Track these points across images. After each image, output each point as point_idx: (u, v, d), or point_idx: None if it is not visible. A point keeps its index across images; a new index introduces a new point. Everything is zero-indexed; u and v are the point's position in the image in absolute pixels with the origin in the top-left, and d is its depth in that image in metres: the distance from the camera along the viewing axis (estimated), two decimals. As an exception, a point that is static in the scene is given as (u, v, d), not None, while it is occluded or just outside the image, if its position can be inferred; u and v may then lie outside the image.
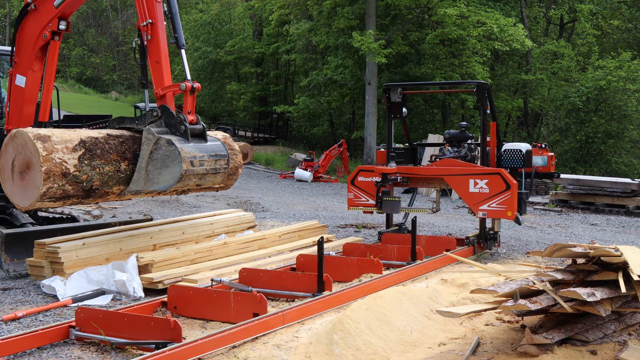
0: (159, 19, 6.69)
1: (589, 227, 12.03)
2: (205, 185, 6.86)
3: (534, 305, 4.48)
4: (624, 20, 30.00)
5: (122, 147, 6.64)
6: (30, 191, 6.13)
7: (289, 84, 38.64)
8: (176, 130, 6.42)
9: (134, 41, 6.83)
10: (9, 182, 6.39)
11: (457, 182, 8.41)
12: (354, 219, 12.29)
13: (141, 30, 6.72)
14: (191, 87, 6.50)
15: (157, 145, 6.34)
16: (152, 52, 6.67)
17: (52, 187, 6.05)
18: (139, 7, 6.73)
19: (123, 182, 6.64)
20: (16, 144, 6.24)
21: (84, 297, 6.33)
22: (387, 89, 9.42)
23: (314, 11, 26.31)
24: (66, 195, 6.25)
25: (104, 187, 6.52)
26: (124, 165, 6.60)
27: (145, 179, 6.47)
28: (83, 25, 53.21)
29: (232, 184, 8.38)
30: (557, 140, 26.63)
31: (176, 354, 4.44)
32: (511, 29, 21.26)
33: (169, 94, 6.61)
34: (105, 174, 6.45)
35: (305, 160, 22.59)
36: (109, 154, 6.50)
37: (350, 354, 4.69)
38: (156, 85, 6.69)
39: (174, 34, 6.76)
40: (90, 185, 6.36)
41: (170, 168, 6.26)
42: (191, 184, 6.46)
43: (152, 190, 6.66)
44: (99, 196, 6.62)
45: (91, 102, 40.12)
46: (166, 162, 6.29)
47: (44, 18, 7.43)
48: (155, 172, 6.39)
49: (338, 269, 7.08)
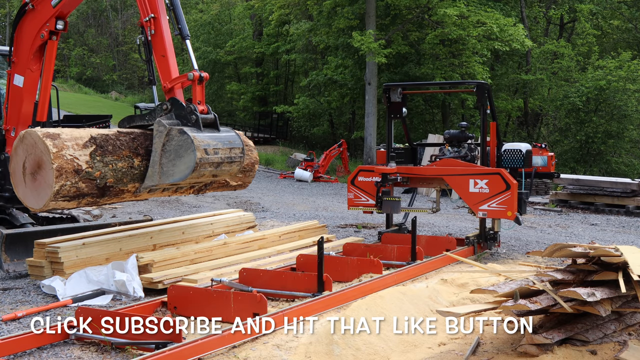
0: (161, 12, 6.62)
1: (589, 227, 12.02)
2: (222, 176, 6.65)
3: (534, 305, 4.48)
4: (624, 20, 29.99)
5: (133, 144, 6.50)
6: (43, 191, 6.02)
7: (289, 84, 38.63)
8: (187, 121, 6.29)
9: (138, 38, 6.77)
10: (21, 185, 6.26)
11: (457, 182, 8.41)
12: (354, 219, 12.29)
13: (144, 26, 6.67)
14: (199, 77, 6.39)
15: (169, 137, 6.21)
16: (157, 46, 6.60)
17: (65, 185, 5.93)
18: (140, 3, 6.68)
19: (137, 179, 6.50)
20: (25, 145, 6.13)
21: (84, 297, 6.33)
22: (387, 89, 9.42)
23: (314, 11, 26.30)
24: (80, 194, 6.12)
25: (119, 185, 6.38)
26: (137, 161, 6.46)
27: (159, 173, 6.32)
28: (83, 25, 53.20)
29: (250, 182, 8.28)
30: (557, 140, 26.63)
31: (176, 354, 4.44)
32: (511, 29, 21.26)
33: (177, 86, 6.52)
34: (119, 171, 6.31)
35: (305, 160, 22.59)
36: (121, 150, 6.36)
37: (350, 354, 4.69)
38: (163, 79, 6.60)
39: (177, 26, 6.69)
40: (104, 182, 6.22)
41: (184, 158, 6.13)
42: (207, 173, 6.29)
43: (169, 184, 6.48)
44: (114, 195, 6.46)
45: (91, 102, 40.12)
46: (180, 152, 6.16)
47: (41, 18, 7.41)
48: (170, 165, 6.25)
49: (338, 269, 7.07)
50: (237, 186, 8.03)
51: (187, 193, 7.26)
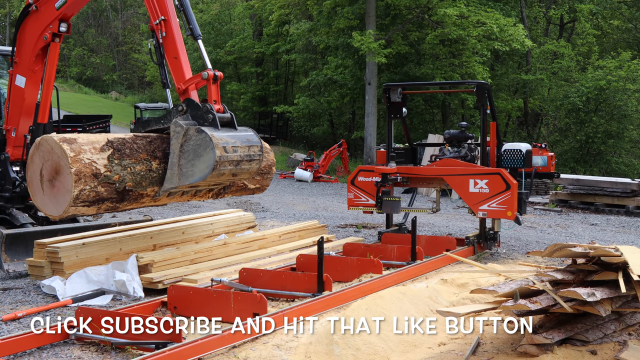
0: (171, 14, 6.57)
1: (589, 227, 12.02)
2: (242, 175, 6.53)
3: (534, 305, 4.48)
4: (624, 20, 29.99)
5: (150, 147, 6.44)
6: (63, 197, 5.92)
7: (289, 84, 38.63)
8: (204, 120, 6.20)
9: (149, 42, 6.72)
10: (39, 193, 6.15)
11: (457, 182, 8.41)
12: (354, 219, 12.29)
13: (154, 29, 6.61)
14: (214, 76, 6.32)
15: (186, 137, 6.12)
16: (169, 48, 6.55)
17: (85, 190, 5.84)
18: (149, 6, 6.63)
19: (156, 182, 6.42)
20: (42, 151, 6.04)
21: (84, 297, 6.33)
22: (387, 89, 9.42)
23: (314, 11, 26.30)
24: (100, 199, 6.03)
25: (138, 188, 6.29)
26: (155, 164, 6.39)
27: (179, 174, 6.22)
28: (83, 25, 53.21)
29: (268, 185, 8.14)
30: (557, 140, 26.63)
31: (176, 354, 4.44)
32: (511, 29, 21.26)
33: (192, 87, 6.45)
34: (137, 174, 6.23)
35: (305, 160, 22.59)
36: (139, 153, 6.29)
37: (350, 354, 4.69)
38: (177, 81, 6.53)
39: (188, 26, 6.62)
40: (123, 186, 6.14)
41: (203, 157, 6.04)
42: (227, 172, 6.19)
43: (189, 186, 6.38)
44: (134, 199, 6.37)
45: (91, 102, 40.14)
46: (198, 151, 6.06)
47: (44, 19, 7.39)
48: (189, 165, 6.15)
49: (338, 269, 7.07)
50: (255, 189, 7.89)
51: (205, 197, 7.12)
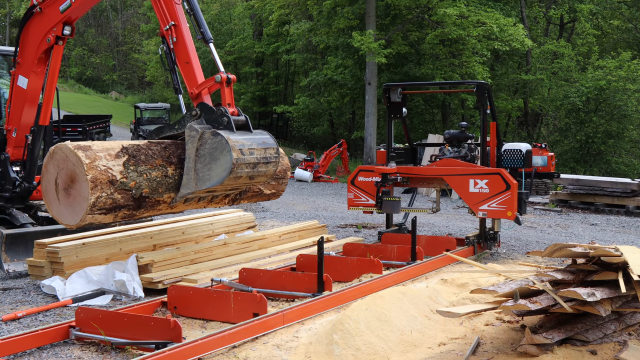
0: (180, 18, 6.53)
1: (589, 227, 12.02)
2: (258, 179, 6.47)
3: (534, 305, 4.48)
4: (624, 20, 30.01)
5: (165, 152, 6.37)
6: (79, 205, 5.83)
7: (289, 84, 38.66)
8: (219, 124, 6.12)
9: (160, 48, 6.68)
10: (54, 203, 6.06)
11: (457, 182, 8.41)
12: (354, 219, 12.29)
13: (165, 35, 6.57)
14: (227, 79, 6.28)
15: (202, 141, 6.05)
16: (180, 53, 6.51)
17: (101, 197, 5.76)
18: (159, 12, 6.60)
19: (172, 188, 6.34)
20: (56, 160, 5.97)
21: (84, 297, 6.33)
22: (387, 89, 9.42)
23: (314, 11, 26.32)
24: (117, 206, 5.96)
25: (154, 195, 6.22)
26: (170, 170, 6.32)
27: (195, 179, 6.15)
28: (83, 25, 53.25)
29: (283, 190, 8.08)
30: (557, 140, 26.65)
31: (176, 354, 4.44)
32: (511, 28, 21.28)
33: (204, 91, 6.40)
34: (154, 180, 6.16)
35: (305, 160, 22.59)
36: (154, 159, 6.22)
37: (351, 354, 4.69)
38: (190, 86, 6.48)
39: (199, 30, 6.58)
40: (140, 193, 6.07)
41: (219, 160, 5.97)
42: (244, 175, 6.13)
43: (205, 191, 6.31)
44: (150, 206, 6.30)
45: (91, 102, 40.16)
46: (214, 154, 5.99)
47: (48, 22, 7.34)
48: (205, 169, 6.08)
49: (338, 269, 7.07)
50: (270, 195, 7.82)
51: (222, 204, 7.06)
